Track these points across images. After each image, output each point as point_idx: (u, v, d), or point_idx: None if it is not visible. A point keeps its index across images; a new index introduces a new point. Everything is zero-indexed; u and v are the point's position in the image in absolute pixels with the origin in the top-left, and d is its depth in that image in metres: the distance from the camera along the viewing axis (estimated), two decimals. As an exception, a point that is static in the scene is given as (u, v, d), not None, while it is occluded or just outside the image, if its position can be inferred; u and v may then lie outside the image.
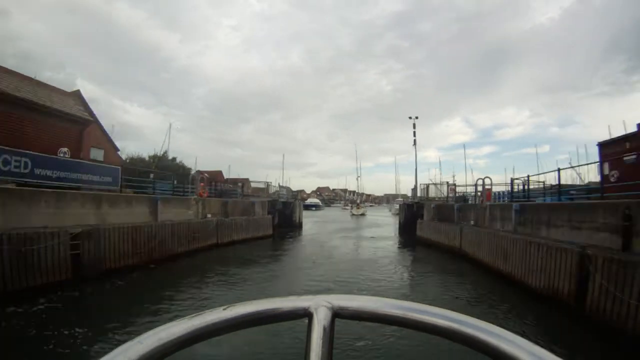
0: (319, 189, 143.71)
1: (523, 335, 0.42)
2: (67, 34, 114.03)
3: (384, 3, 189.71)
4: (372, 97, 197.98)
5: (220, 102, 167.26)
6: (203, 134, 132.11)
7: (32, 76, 15.39)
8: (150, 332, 0.44)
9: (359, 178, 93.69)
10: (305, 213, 49.39)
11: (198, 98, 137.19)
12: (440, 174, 55.37)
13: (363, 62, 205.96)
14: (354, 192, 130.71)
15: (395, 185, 75.50)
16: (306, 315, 0.50)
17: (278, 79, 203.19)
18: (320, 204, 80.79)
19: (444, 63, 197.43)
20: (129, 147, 55.59)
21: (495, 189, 17.63)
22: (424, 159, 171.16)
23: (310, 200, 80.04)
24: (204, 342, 0.47)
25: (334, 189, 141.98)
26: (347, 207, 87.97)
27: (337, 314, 0.50)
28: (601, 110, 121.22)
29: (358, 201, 68.81)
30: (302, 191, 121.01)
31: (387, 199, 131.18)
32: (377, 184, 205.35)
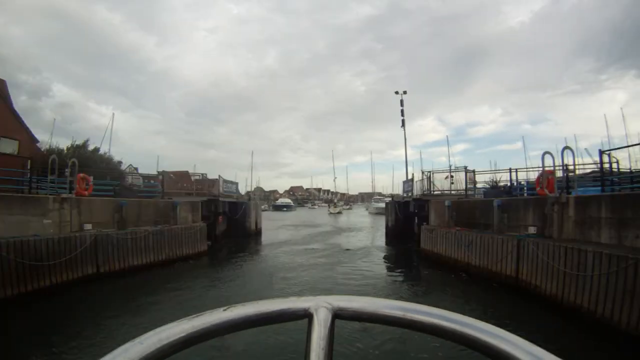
0: (292, 188, 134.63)
1: (522, 335, 0.42)
2: (44, 38, 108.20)
3: (359, 7, 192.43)
4: (346, 98, 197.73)
5: (196, 104, 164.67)
6: (178, 136, 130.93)
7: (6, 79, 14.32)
8: (151, 333, 0.44)
9: (335, 179, 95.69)
10: (275, 215, 45.91)
11: (174, 101, 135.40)
12: (423, 173, 51.46)
13: (338, 64, 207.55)
14: (328, 191, 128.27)
15: (372, 183, 76.83)
16: (306, 316, 0.50)
17: (253, 81, 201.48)
18: (292, 204, 74.57)
19: (417, 64, 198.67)
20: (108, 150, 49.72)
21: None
22: (398, 157, 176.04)
23: (281, 201, 75.44)
24: (204, 342, 0.47)
25: (307, 189, 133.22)
26: (319, 207, 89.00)
27: (337, 315, 0.51)
28: (572, 108, 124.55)
29: (335, 200, 75.43)
30: (274, 191, 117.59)
31: (362, 198, 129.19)
32: (352, 183, 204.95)
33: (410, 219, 16.22)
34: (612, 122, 43.87)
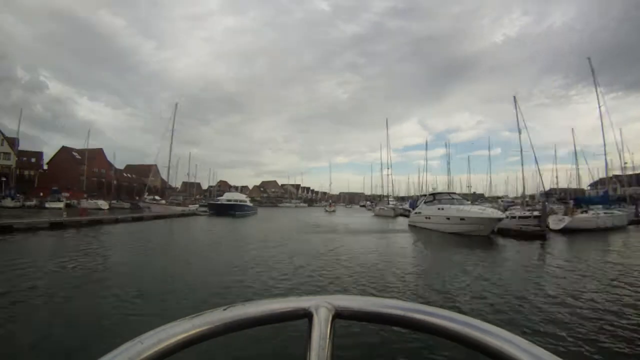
0: (263, 183, 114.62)
1: (524, 335, 0.55)
2: (46, 37, 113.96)
3: (345, 26, 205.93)
4: (329, 104, 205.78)
5: (185, 105, 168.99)
6: (166, 134, 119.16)
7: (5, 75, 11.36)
8: (151, 332, 0.44)
9: (331, 187, 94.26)
10: (211, 224, 26.30)
11: (163, 100, 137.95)
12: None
13: (322, 74, 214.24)
14: (308, 188, 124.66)
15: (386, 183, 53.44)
16: (306, 315, 0.50)
17: (242, 86, 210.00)
18: (248, 202, 43.81)
19: (397, 77, 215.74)
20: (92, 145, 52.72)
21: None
22: (377, 159, 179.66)
23: (228, 196, 41.64)
24: (204, 342, 0.46)
25: (283, 184, 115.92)
26: (297, 206, 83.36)
27: (338, 315, 0.50)
28: (549, 117, 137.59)
29: (330, 201, 74.67)
30: (244, 187, 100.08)
31: (343, 198, 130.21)
32: (335, 184, 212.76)
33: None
34: (591, 131, 48.15)
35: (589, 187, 47.17)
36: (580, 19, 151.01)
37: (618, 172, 39.22)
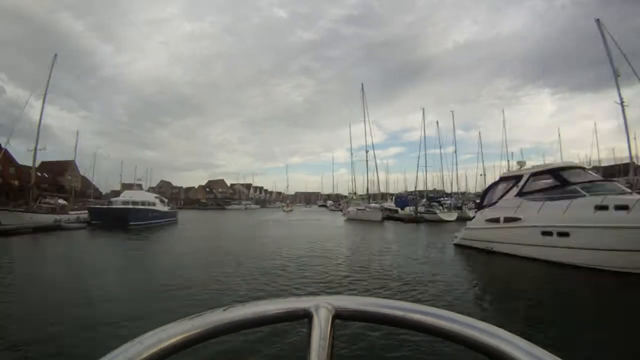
0: (210, 183, 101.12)
1: (523, 335, 0.42)
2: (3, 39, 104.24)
3: (301, 32, 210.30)
4: (284, 106, 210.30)
5: (141, 107, 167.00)
6: (120, 137, 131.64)
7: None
8: (151, 333, 0.44)
9: (288, 187, 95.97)
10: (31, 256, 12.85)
11: (119, 103, 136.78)
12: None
13: (278, 78, 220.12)
14: (261, 188, 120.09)
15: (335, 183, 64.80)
16: (306, 316, 0.50)
17: (198, 90, 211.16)
18: (160, 205, 30.63)
19: (352, 80, 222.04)
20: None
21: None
22: (331, 159, 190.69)
23: (126, 196, 28.02)
24: (204, 342, 0.46)
25: (232, 184, 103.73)
26: (248, 208, 77.19)
27: (338, 315, 0.50)
28: (500, 118, 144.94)
29: (287, 202, 73.68)
30: (190, 188, 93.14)
31: (300, 197, 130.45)
32: (291, 183, 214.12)
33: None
34: (545, 129, 50.09)
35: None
36: (526, 29, 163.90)
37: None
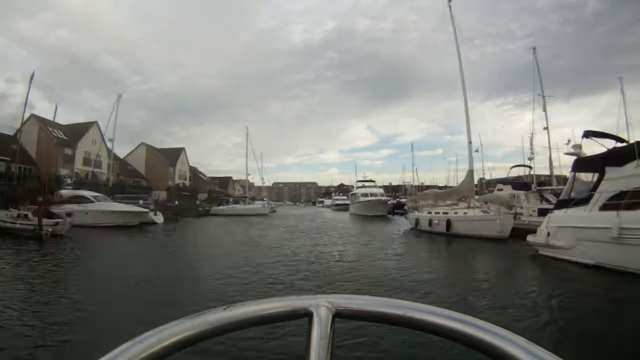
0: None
1: (523, 335, 0.41)
2: None
3: (294, 75, 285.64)
4: (277, 120, 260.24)
5: (156, 119, 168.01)
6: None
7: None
8: (151, 332, 0.43)
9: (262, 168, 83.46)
10: None
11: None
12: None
13: (271, 102, 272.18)
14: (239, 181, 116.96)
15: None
16: (306, 315, 0.49)
17: (201, 107, 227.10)
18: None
19: (334, 104, 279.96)
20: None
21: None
22: (324, 160, 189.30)
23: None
24: (204, 342, 0.46)
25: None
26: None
27: (338, 314, 0.50)
28: (481, 124, 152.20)
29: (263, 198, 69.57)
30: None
31: (281, 192, 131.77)
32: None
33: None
34: (525, 135, 52.27)
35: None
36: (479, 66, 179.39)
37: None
